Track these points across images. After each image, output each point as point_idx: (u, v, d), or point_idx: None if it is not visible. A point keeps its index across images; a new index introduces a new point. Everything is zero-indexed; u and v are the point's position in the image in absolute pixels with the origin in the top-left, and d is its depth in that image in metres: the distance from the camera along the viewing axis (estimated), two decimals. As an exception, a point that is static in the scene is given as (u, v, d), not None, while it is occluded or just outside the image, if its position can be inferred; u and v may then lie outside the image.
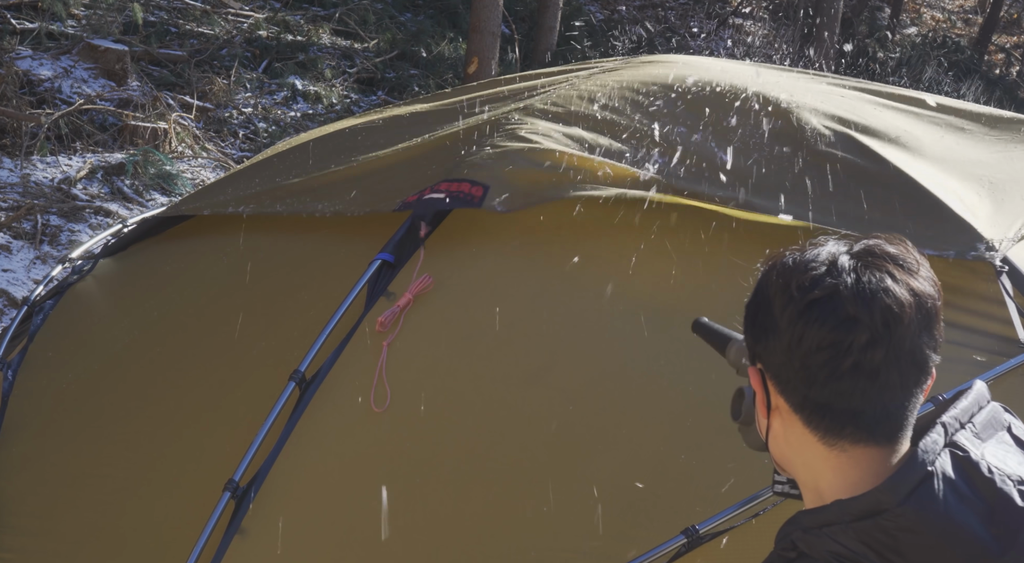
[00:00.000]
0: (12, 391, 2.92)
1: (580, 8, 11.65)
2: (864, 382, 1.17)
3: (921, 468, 1.14)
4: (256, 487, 2.31)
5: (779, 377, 1.22)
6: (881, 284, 1.16)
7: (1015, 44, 14.88)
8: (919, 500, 1.13)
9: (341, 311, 2.47)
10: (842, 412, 1.18)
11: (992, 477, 1.15)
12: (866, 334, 1.15)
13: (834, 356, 1.16)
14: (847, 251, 1.21)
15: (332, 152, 3.09)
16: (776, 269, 1.24)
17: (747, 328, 1.28)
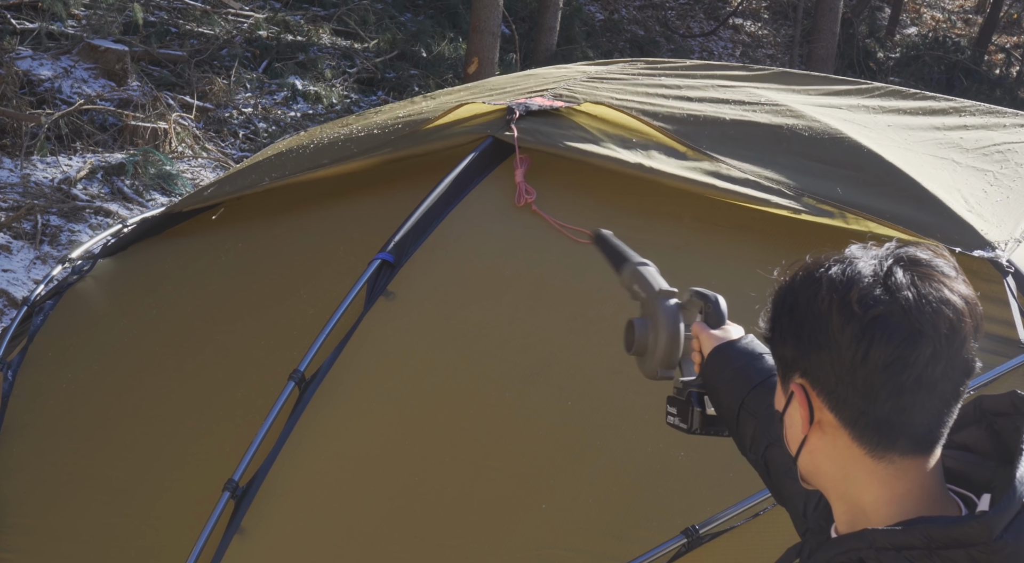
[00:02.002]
0: (12, 391, 2.92)
1: (580, 8, 11.65)
2: (924, 395, 1.15)
3: (1019, 501, 1.12)
4: (256, 487, 2.31)
5: (834, 393, 1.18)
6: (940, 295, 1.15)
7: (1015, 44, 14.88)
8: (1015, 533, 1.11)
9: (341, 311, 2.47)
10: (898, 426, 1.17)
11: None
12: (930, 348, 1.13)
13: (898, 372, 1.14)
14: (895, 262, 1.18)
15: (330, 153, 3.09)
16: (824, 283, 1.19)
17: (785, 343, 1.23)
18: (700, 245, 2.53)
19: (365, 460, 2.36)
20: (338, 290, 2.50)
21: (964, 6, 16.32)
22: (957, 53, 13.01)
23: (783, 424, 1.28)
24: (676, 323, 1.53)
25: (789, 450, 1.27)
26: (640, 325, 1.55)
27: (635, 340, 1.54)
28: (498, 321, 2.47)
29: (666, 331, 1.53)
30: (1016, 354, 2.25)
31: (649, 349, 1.54)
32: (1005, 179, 2.70)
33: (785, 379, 1.25)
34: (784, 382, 1.26)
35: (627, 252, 1.69)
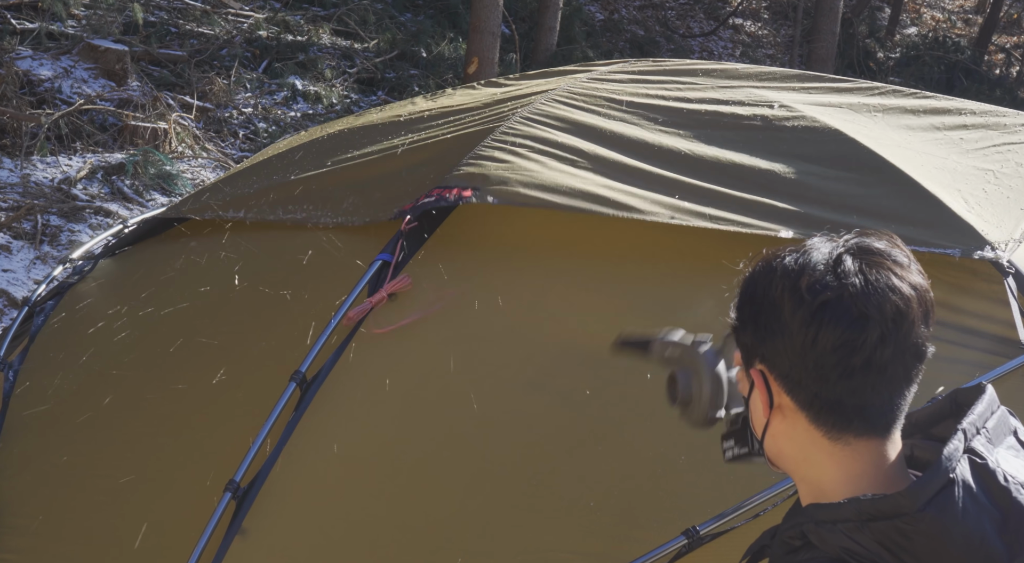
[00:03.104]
0: (13, 391, 2.92)
1: (580, 8, 11.65)
2: (874, 377, 1.20)
3: (944, 475, 1.17)
4: (257, 487, 2.31)
5: (788, 377, 1.24)
6: (888, 282, 1.20)
7: (1015, 44, 14.88)
8: (939, 506, 1.15)
9: (342, 311, 2.47)
10: (851, 407, 1.21)
11: (1008, 486, 1.18)
12: (877, 331, 1.18)
13: (847, 355, 1.18)
14: (846, 250, 1.23)
15: (330, 154, 3.09)
16: (778, 272, 1.25)
17: (746, 330, 1.29)
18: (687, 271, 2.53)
19: (366, 461, 2.36)
20: (339, 291, 2.51)
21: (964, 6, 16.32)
22: (957, 53, 13.02)
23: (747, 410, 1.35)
24: (716, 365, 1.55)
25: (755, 434, 1.33)
26: (683, 376, 1.57)
27: (679, 391, 1.56)
28: (499, 327, 2.47)
29: (708, 374, 1.55)
30: (1016, 354, 2.25)
31: (694, 397, 1.56)
32: (1005, 179, 2.70)
33: (747, 365, 1.31)
34: (747, 368, 1.32)
35: (648, 333, 1.72)
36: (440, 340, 2.47)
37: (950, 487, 1.16)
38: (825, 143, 2.67)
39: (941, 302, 2.31)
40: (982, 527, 1.15)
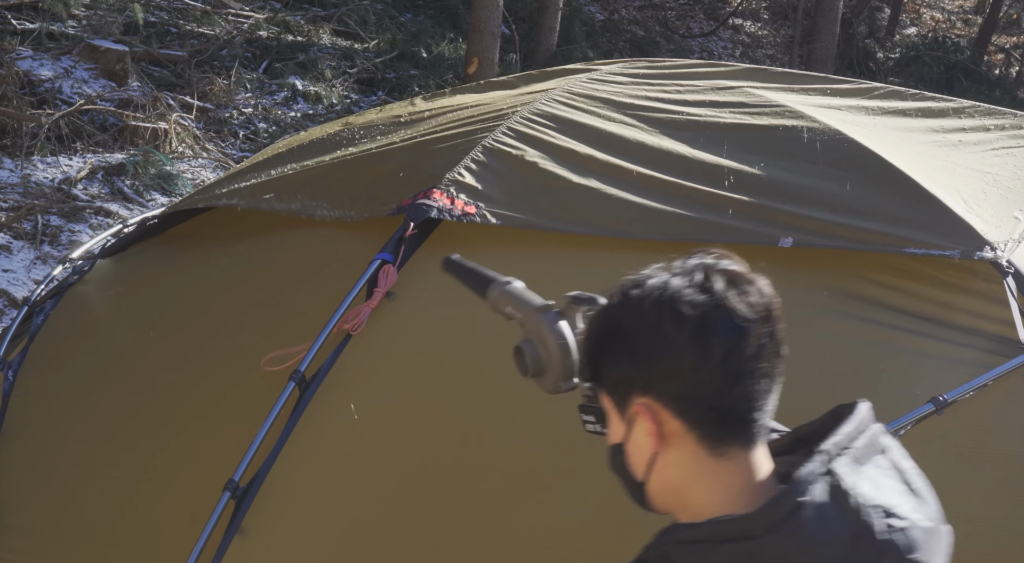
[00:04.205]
0: (13, 391, 2.92)
1: (580, 8, 11.66)
2: (759, 380, 1.24)
3: (792, 497, 1.18)
4: (256, 487, 2.32)
5: (680, 398, 1.25)
6: (750, 289, 1.26)
7: (1015, 44, 14.88)
8: (786, 529, 1.17)
9: (341, 311, 2.47)
10: (741, 413, 1.24)
11: (858, 509, 1.19)
12: (756, 335, 1.23)
13: (737, 361, 1.22)
14: (706, 269, 1.28)
15: (330, 152, 3.09)
16: (648, 300, 1.27)
17: (619, 365, 1.28)
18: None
19: (365, 460, 2.36)
20: (339, 290, 2.51)
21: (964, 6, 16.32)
22: (957, 53, 13.02)
23: (623, 455, 1.33)
24: (564, 333, 1.51)
25: (635, 476, 1.32)
26: (529, 347, 1.52)
27: (528, 364, 1.51)
28: (499, 321, 2.47)
29: (556, 344, 1.50)
30: (1016, 354, 2.26)
31: (545, 367, 1.52)
32: (1004, 180, 2.70)
33: (623, 403, 1.30)
34: (622, 407, 1.30)
35: (487, 273, 1.65)
36: (439, 339, 2.47)
37: (799, 510, 1.17)
38: (825, 144, 2.67)
39: (941, 302, 2.34)
40: (830, 551, 1.17)
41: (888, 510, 1.21)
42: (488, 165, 2.66)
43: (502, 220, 2.52)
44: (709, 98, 2.98)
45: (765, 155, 2.64)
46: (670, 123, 2.82)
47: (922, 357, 2.29)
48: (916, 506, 1.25)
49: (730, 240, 2.44)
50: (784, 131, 2.73)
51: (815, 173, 2.57)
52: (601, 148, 2.71)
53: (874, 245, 2.37)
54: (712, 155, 2.65)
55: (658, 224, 2.49)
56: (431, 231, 2.60)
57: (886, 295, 2.35)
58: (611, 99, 2.97)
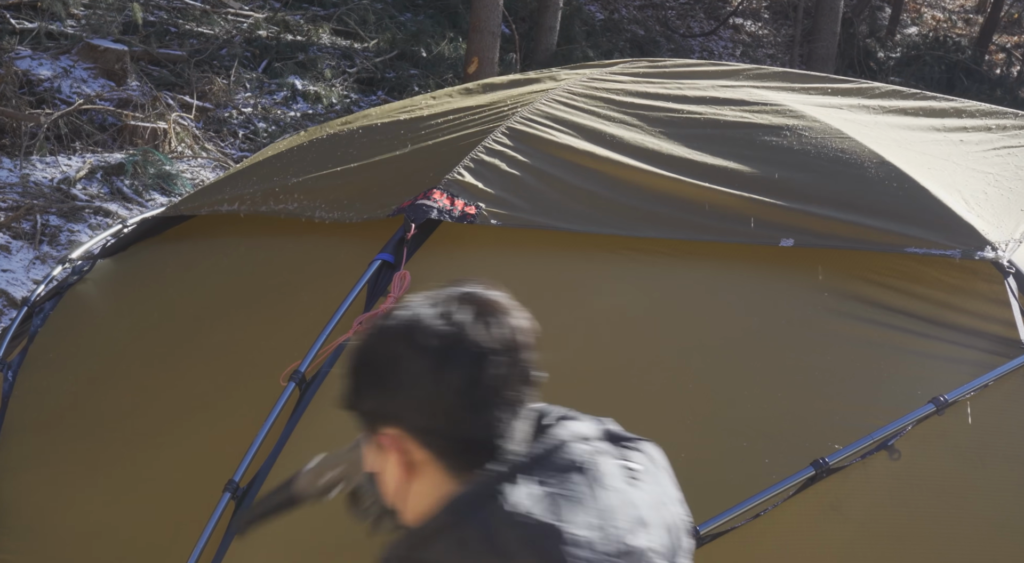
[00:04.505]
0: (12, 392, 2.92)
1: (580, 8, 11.65)
2: (502, 409, 1.25)
3: (441, 521, 1.20)
4: (256, 488, 2.31)
5: (423, 429, 1.25)
6: (496, 319, 1.26)
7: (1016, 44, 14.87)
8: (433, 551, 1.19)
9: (341, 311, 2.47)
10: (483, 441, 1.25)
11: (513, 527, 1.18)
12: (498, 365, 1.24)
13: (475, 392, 1.23)
14: (453, 300, 1.28)
15: (330, 153, 3.09)
16: (392, 331, 1.28)
17: (368, 396, 1.29)
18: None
19: (365, 461, 2.36)
20: (339, 291, 2.50)
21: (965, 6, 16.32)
22: (958, 53, 13.01)
23: (375, 486, 1.34)
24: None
25: (388, 507, 1.33)
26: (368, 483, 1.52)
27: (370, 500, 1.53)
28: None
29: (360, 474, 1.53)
30: (1016, 354, 2.25)
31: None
32: (1005, 180, 2.70)
33: (374, 433, 1.30)
34: (374, 437, 1.31)
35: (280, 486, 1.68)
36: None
37: (449, 531, 1.19)
38: (826, 143, 2.67)
39: (942, 303, 2.33)
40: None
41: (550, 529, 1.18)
42: (488, 165, 2.66)
43: (502, 220, 2.52)
44: (710, 96, 2.98)
45: (766, 154, 2.64)
46: (670, 122, 2.81)
47: (923, 357, 2.29)
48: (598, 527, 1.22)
49: (731, 240, 2.43)
50: (785, 130, 2.73)
51: (816, 173, 2.57)
52: (601, 147, 2.70)
53: (875, 245, 2.37)
54: (712, 154, 2.65)
55: (658, 223, 2.49)
56: (431, 232, 2.60)
57: (887, 296, 2.35)
58: (611, 98, 2.96)
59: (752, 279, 2.46)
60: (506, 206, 2.55)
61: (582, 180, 2.61)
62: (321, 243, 2.81)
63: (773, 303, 2.41)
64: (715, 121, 2.81)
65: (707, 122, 2.81)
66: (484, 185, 2.60)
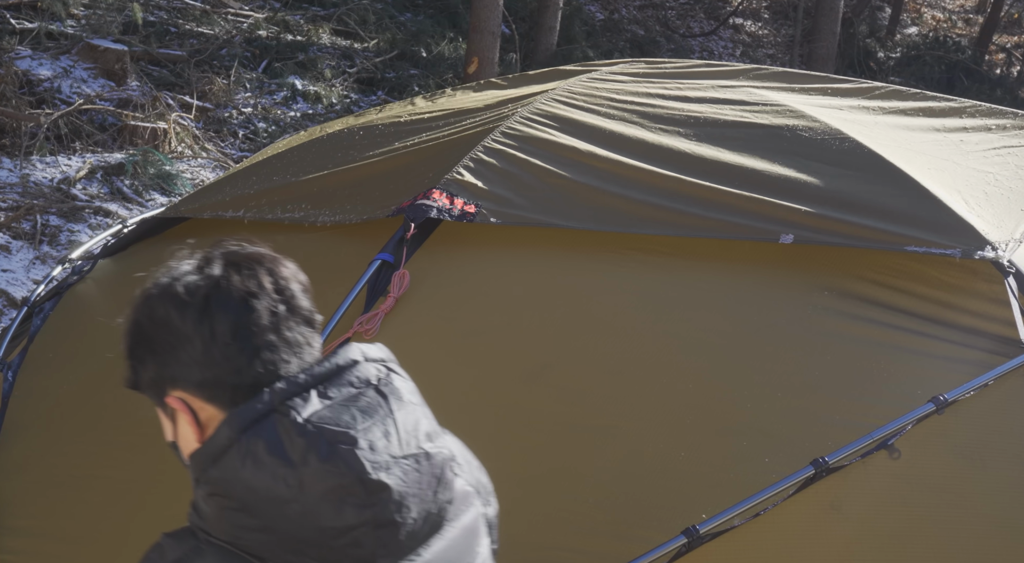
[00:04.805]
0: (12, 392, 2.92)
1: (580, 8, 11.65)
2: (281, 351, 1.27)
3: (227, 436, 1.22)
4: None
5: (204, 384, 1.26)
6: (257, 263, 1.29)
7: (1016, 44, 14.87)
8: (222, 467, 1.21)
9: (341, 311, 2.47)
10: (269, 384, 1.25)
11: (303, 435, 1.21)
12: (266, 307, 1.26)
13: (248, 337, 1.25)
14: (209, 253, 1.31)
15: (330, 154, 3.09)
16: (153, 295, 1.31)
17: (145, 364, 1.31)
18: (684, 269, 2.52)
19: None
20: (339, 291, 2.50)
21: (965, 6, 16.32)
22: (958, 53, 13.01)
23: (179, 452, 1.33)
24: None
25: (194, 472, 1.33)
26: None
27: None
28: (498, 322, 2.47)
29: None
30: (1016, 354, 2.26)
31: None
32: (1005, 180, 2.70)
33: (162, 402, 1.32)
34: (163, 406, 1.32)
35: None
36: (437, 337, 2.47)
37: (233, 447, 1.21)
38: (826, 143, 2.67)
39: (942, 302, 2.34)
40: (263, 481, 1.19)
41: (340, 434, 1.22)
42: (488, 164, 2.66)
43: (502, 219, 2.52)
44: (710, 96, 2.98)
45: (766, 152, 2.64)
46: (670, 121, 2.82)
47: (923, 357, 2.29)
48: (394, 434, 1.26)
49: (731, 236, 2.43)
50: (785, 130, 2.73)
51: (816, 171, 2.57)
52: (601, 145, 2.71)
53: (875, 243, 2.37)
54: (713, 152, 2.65)
55: (659, 221, 2.49)
56: (431, 231, 2.60)
57: (887, 295, 2.35)
58: (611, 97, 2.97)
59: (752, 278, 2.46)
60: (506, 204, 2.55)
61: (582, 178, 2.61)
62: (321, 243, 2.81)
63: (773, 302, 2.41)
64: (715, 120, 2.81)
65: (707, 121, 2.81)
66: (484, 184, 2.60)
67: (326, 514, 1.20)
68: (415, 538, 1.27)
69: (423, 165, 2.76)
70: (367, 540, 1.21)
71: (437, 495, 1.30)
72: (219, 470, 1.21)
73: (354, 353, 1.33)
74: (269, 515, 1.20)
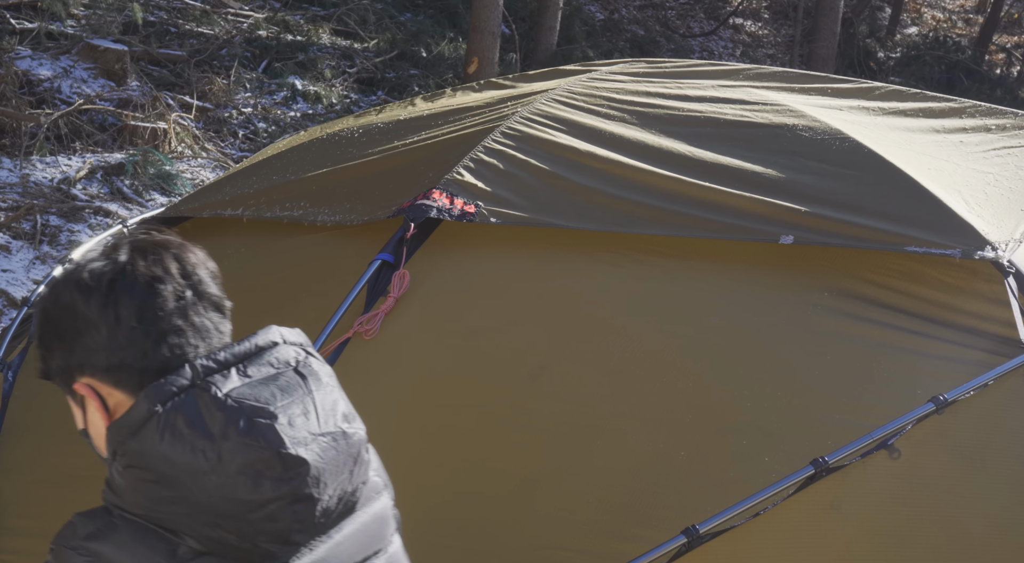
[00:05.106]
0: (12, 392, 2.92)
1: (580, 8, 11.65)
2: (188, 335, 1.29)
3: (145, 409, 1.24)
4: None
5: (111, 369, 1.28)
6: (163, 250, 1.32)
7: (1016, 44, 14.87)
8: (140, 439, 1.23)
9: (341, 311, 2.47)
10: (176, 368, 1.27)
11: (223, 410, 1.23)
12: (171, 292, 1.28)
13: (154, 321, 1.27)
14: (117, 242, 1.32)
15: (329, 152, 3.09)
16: (59, 282, 1.31)
17: (53, 351, 1.32)
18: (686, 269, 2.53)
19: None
20: (339, 291, 2.50)
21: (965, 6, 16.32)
22: (958, 53, 13.01)
23: (90, 439, 1.35)
24: None
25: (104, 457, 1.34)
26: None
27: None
28: (498, 322, 2.47)
29: None
30: (1016, 354, 2.25)
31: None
32: (1005, 180, 2.70)
33: (70, 389, 1.33)
34: (72, 393, 1.33)
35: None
36: (438, 337, 2.47)
37: (152, 419, 1.23)
38: (826, 143, 2.67)
39: (942, 303, 2.34)
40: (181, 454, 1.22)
41: (260, 409, 1.25)
42: (488, 164, 2.66)
43: (502, 219, 2.52)
44: (710, 96, 2.98)
45: (766, 153, 2.64)
46: (670, 121, 2.82)
47: (923, 357, 2.29)
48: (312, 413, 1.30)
49: (731, 237, 2.43)
50: (785, 130, 2.73)
51: (816, 171, 2.57)
52: (601, 145, 2.71)
53: (875, 243, 2.37)
54: (713, 152, 2.65)
55: (658, 221, 2.49)
56: (431, 231, 2.60)
57: (887, 295, 2.35)
58: (611, 97, 2.97)
59: (752, 278, 2.46)
60: (506, 204, 2.55)
61: (582, 178, 2.61)
62: (321, 243, 2.81)
63: (773, 302, 2.41)
64: (715, 120, 2.81)
65: (707, 121, 2.81)
66: (484, 184, 2.60)
67: (244, 487, 1.22)
68: (329, 516, 1.29)
69: (423, 164, 2.76)
70: (283, 515, 1.23)
71: (353, 475, 1.33)
72: (137, 442, 1.23)
73: (273, 335, 1.36)
74: (187, 487, 1.22)
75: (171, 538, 1.23)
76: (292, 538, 1.25)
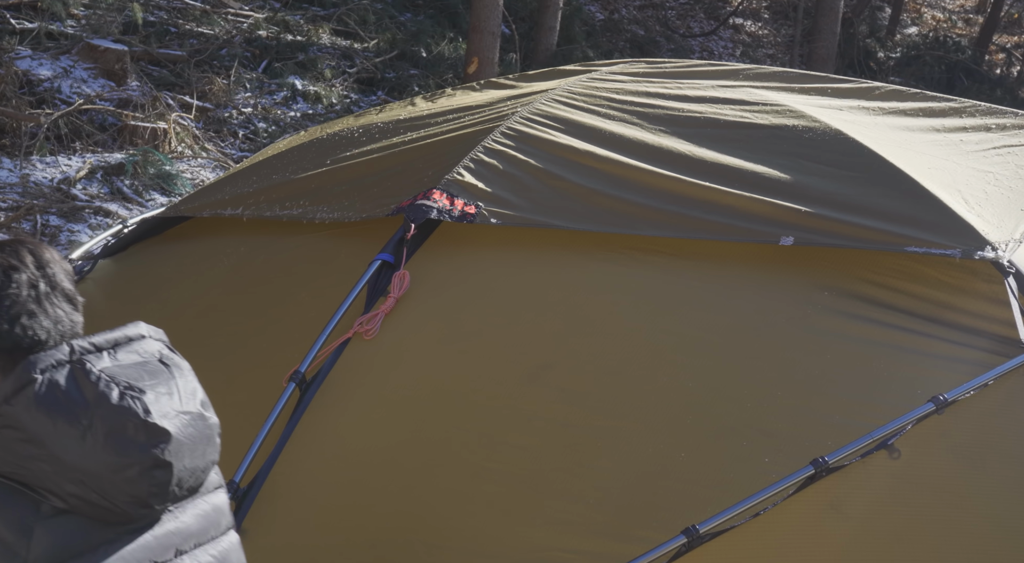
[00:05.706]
0: None
1: (580, 8, 11.65)
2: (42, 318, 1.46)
3: (25, 375, 1.41)
4: (256, 488, 2.31)
5: None
6: (19, 244, 1.50)
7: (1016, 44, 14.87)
8: (16, 402, 1.39)
9: (341, 311, 2.47)
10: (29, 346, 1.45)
11: (97, 383, 1.42)
12: (26, 280, 1.46)
13: (8, 303, 1.44)
14: None
15: (329, 151, 3.09)
16: None
17: None
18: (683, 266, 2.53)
19: (366, 461, 2.36)
20: (339, 291, 2.50)
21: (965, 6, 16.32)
22: (958, 53, 13.01)
23: None
24: None
25: None
26: None
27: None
28: (498, 322, 2.47)
29: None
30: (1016, 354, 2.26)
31: None
32: (1005, 180, 2.70)
33: None
34: None
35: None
36: (438, 337, 2.47)
37: (30, 385, 1.40)
38: (826, 143, 2.67)
39: (942, 303, 2.34)
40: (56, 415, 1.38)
41: (130, 385, 1.44)
42: (488, 165, 2.66)
43: (502, 220, 2.52)
44: (710, 96, 2.98)
45: (766, 153, 2.64)
46: (670, 121, 2.82)
47: (923, 357, 2.29)
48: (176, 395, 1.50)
49: (731, 238, 2.43)
50: (785, 130, 2.73)
51: (816, 172, 2.57)
52: (601, 146, 2.71)
53: (875, 243, 2.37)
54: (713, 153, 2.65)
55: (658, 222, 2.49)
56: (431, 232, 2.60)
57: (887, 295, 2.35)
58: (611, 98, 2.97)
59: (752, 278, 2.46)
60: (506, 205, 2.55)
61: (582, 179, 2.61)
62: (321, 243, 2.81)
63: (773, 302, 2.41)
64: (715, 120, 2.81)
65: (707, 121, 2.81)
66: (484, 185, 2.60)
67: (111, 450, 1.39)
68: (182, 487, 1.47)
69: (422, 163, 2.76)
70: (143, 478, 1.41)
71: (206, 454, 1.52)
72: (14, 405, 1.39)
73: (141, 329, 1.56)
74: (58, 446, 1.38)
75: (34, 496, 1.39)
76: (148, 500, 1.43)
